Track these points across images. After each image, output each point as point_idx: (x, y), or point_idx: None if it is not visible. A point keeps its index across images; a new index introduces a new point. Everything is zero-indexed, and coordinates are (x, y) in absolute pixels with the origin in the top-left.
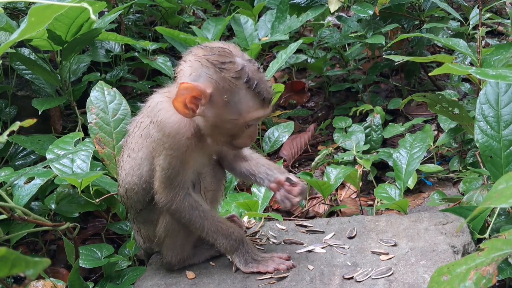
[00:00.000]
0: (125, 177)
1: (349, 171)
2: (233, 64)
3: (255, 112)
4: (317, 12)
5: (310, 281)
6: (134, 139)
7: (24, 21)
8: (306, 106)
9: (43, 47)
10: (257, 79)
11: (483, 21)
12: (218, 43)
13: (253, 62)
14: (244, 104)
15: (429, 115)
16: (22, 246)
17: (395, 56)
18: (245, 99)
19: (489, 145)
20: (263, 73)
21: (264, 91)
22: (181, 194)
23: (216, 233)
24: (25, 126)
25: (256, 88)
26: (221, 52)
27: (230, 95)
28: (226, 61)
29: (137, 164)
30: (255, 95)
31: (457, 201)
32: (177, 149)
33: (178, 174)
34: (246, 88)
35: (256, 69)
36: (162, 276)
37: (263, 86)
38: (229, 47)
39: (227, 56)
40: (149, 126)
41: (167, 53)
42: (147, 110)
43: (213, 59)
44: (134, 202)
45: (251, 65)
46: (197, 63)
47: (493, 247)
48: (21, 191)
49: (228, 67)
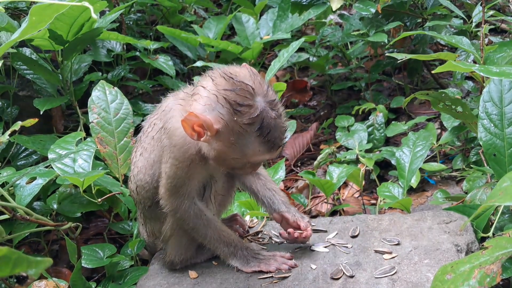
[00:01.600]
0: (137, 174)
1: (351, 170)
2: (249, 108)
3: (261, 156)
4: (319, 10)
5: (313, 280)
6: (148, 139)
7: (25, 21)
8: (308, 105)
9: (44, 47)
10: (271, 127)
11: (486, 18)
12: (243, 73)
13: (275, 104)
14: (250, 149)
15: (432, 114)
16: (25, 246)
17: (398, 54)
18: (253, 145)
19: (493, 143)
20: (280, 119)
21: (275, 139)
22: (186, 203)
23: (218, 241)
24: (26, 125)
25: (267, 137)
26: (242, 90)
27: (238, 138)
28: (244, 103)
29: (149, 164)
30: (264, 142)
31: (460, 199)
32: (183, 161)
33: (184, 184)
34: (256, 135)
35: (274, 116)
36: (164, 276)
37: (276, 135)
38: (254, 82)
39: (247, 97)
40: (161, 131)
41: (169, 52)
42: (160, 112)
43: (231, 98)
44: (144, 199)
45: (269, 111)
46: (213, 96)
47: (497, 245)
48: (23, 191)
49: (243, 111)
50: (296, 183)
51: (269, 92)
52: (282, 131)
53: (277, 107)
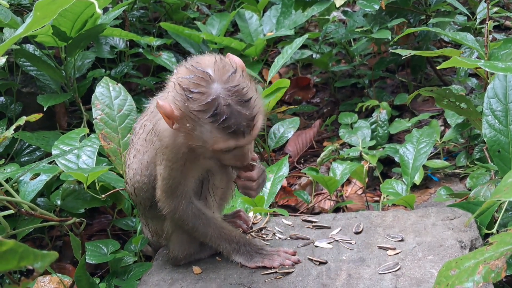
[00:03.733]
0: (133, 177)
1: (355, 167)
2: (201, 95)
3: (223, 143)
4: (323, 7)
5: (316, 276)
6: (140, 141)
7: (30, 16)
8: (311, 102)
9: (47, 43)
10: (226, 114)
11: (490, 15)
12: (208, 61)
13: (236, 91)
14: (208, 137)
15: (436, 111)
16: (28, 242)
17: (402, 50)
18: (209, 133)
19: (497, 139)
20: (242, 105)
21: (234, 125)
22: (184, 203)
23: (219, 239)
24: (31, 120)
25: (223, 123)
26: (198, 77)
27: (193, 125)
28: (196, 90)
29: (144, 166)
30: (220, 129)
31: (464, 196)
32: (176, 161)
33: (180, 184)
34: (209, 122)
35: (231, 101)
36: (168, 271)
37: (234, 121)
38: (214, 70)
39: (202, 84)
40: (151, 133)
41: (172, 49)
42: (149, 114)
43: (185, 85)
44: (143, 200)
45: (226, 97)
46: (172, 84)
47: (502, 241)
48: (27, 187)
49: (195, 98)
50: (299, 180)
51: (232, 79)
52: (243, 117)
53: (239, 93)
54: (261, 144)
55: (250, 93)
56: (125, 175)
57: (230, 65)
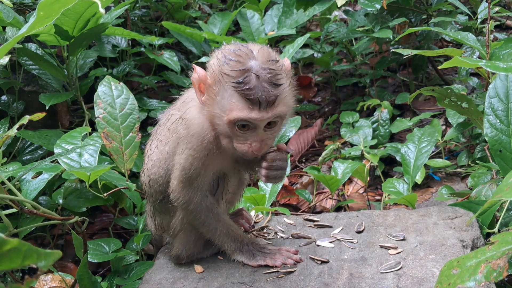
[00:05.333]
0: (151, 168)
1: (356, 166)
2: (237, 63)
3: (238, 112)
4: (324, 6)
5: (318, 275)
6: (163, 131)
7: (33, 15)
8: (313, 101)
9: (50, 42)
10: (251, 85)
11: (492, 15)
12: (256, 46)
13: (269, 71)
14: (227, 102)
15: (437, 110)
16: (30, 240)
17: (403, 50)
18: (230, 97)
19: (499, 139)
20: (268, 83)
21: (255, 96)
22: (199, 195)
23: (226, 236)
24: (34, 119)
25: (246, 92)
26: (242, 51)
27: (219, 88)
28: (234, 59)
29: (164, 158)
30: (241, 96)
31: (465, 195)
32: (200, 150)
33: (199, 175)
34: (233, 87)
35: (261, 76)
36: (170, 270)
37: (255, 91)
38: (258, 51)
39: (242, 56)
40: (178, 121)
41: (174, 48)
42: (180, 103)
43: (227, 53)
44: (156, 192)
45: (259, 71)
46: (216, 53)
47: (504, 240)
48: (29, 186)
49: (231, 63)
50: (300, 179)
51: (271, 64)
52: (265, 92)
53: (271, 74)
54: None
55: (281, 81)
56: (144, 165)
57: (275, 56)
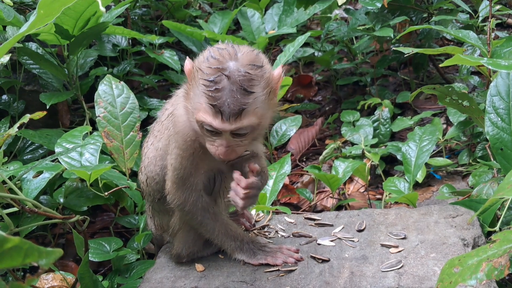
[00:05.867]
0: (148, 165)
1: (357, 165)
2: (216, 61)
3: (204, 115)
4: (325, 5)
5: (319, 273)
6: (158, 127)
7: (33, 14)
8: (313, 100)
9: (50, 41)
10: (221, 87)
11: (493, 13)
12: (246, 48)
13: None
14: (195, 100)
15: (438, 109)
16: (31, 239)
17: (404, 48)
18: (199, 97)
19: (500, 137)
20: (240, 90)
21: (222, 103)
22: (194, 196)
23: (225, 235)
24: (35, 118)
25: (211, 92)
26: (227, 51)
27: (192, 83)
28: (216, 56)
29: (159, 154)
30: (208, 99)
31: (466, 194)
32: (186, 149)
33: (190, 175)
34: (202, 85)
35: (234, 80)
36: (171, 269)
37: (225, 99)
38: (244, 54)
39: (225, 56)
40: (169, 117)
41: (174, 47)
42: (174, 98)
43: (213, 50)
44: (153, 191)
45: (233, 74)
46: (206, 49)
47: (505, 239)
48: (30, 185)
49: (210, 61)
50: (301, 178)
51: (250, 68)
52: (233, 100)
53: (245, 80)
54: (263, 142)
55: (255, 89)
56: (141, 164)
57: (262, 62)
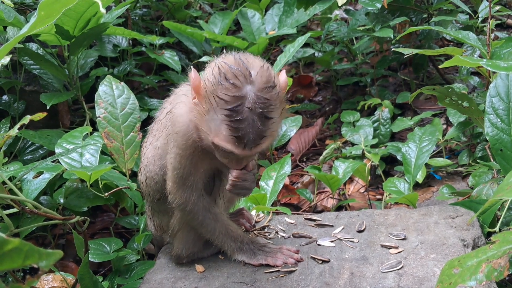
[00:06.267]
0: (147, 165)
1: (357, 165)
2: (233, 87)
3: (224, 143)
4: (325, 5)
5: (319, 274)
6: (157, 126)
7: (34, 15)
8: (313, 100)
9: (51, 42)
10: (243, 117)
11: (493, 13)
12: (257, 63)
13: (263, 102)
14: (214, 126)
15: (438, 109)
16: (31, 240)
17: (404, 49)
18: (219, 125)
19: (499, 138)
20: (261, 118)
21: (244, 132)
22: (195, 195)
23: (226, 236)
24: (35, 119)
25: (235, 124)
26: (239, 71)
27: (209, 109)
28: (231, 80)
29: (157, 154)
30: (230, 129)
31: (466, 195)
32: (185, 149)
33: (190, 174)
34: (223, 114)
35: (254, 108)
36: (171, 270)
37: (246, 128)
38: (256, 73)
39: (239, 77)
40: (167, 116)
41: (174, 47)
42: (173, 97)
43: (224, 71)
44: (153, 191)
45: (253, 101)
46: (214, 63)
47: (505, 240)
48: (30, 186)
49: (226, 86)
50: (301, 178)
51: (268, 91)
52: (255, 130)
53: (265, 107)
54: None
55: (274, 114)
56: (140, 164)
57: (273, 79)
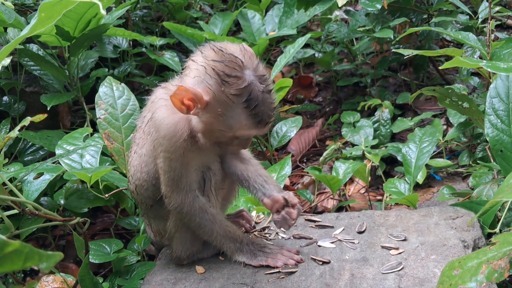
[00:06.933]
0: (134, 174)
1: (357, 166)
2: (237, 80)
3: (247, 131)
4: (325, 6)
5: (319, 275)
6: (139, 135)
7: (34, 17)
8: (314, 101)
9: (51, 43)
10: (258, 100)
11: (493, 14)
12: (234, 47)
13: (264, 79)
14: (237, 122)
15: (438, 110)
16: (32, 241)
17: (404, 50)
18: (239, 117)
19: (500, 139)
20: (269, 94)
21: (262, 113)
22: (190, 197)
23: (224, 237)
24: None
25: (254, 110)
26: (231, 62)
27: (225, 109)
28: (232, 74)
29: (143, 161)
30: (250, 116)
31: (467, 195)
32: (174, 151)
33: (182, 175)
34: (243, 107)
35: (262, 89)
36: (171, 271)
37: (263, 109)
38: (243, 56)
39: (236, 68)
40: (149, 123)
41: (175, 48)
42: (149, 104)
43: (220, 69)
44: (145, 198)
45: (258, 83)
46: (202, 68)
47: (505, 241)
48: (30, 187)
49: (231, 82)
50: (302, 179)
51: (259, 67)
52: (270, 107)
53: (267, 82)
54: (263, 143)
55: (271, 84)
56: (128, 174)
57: (253, 54)
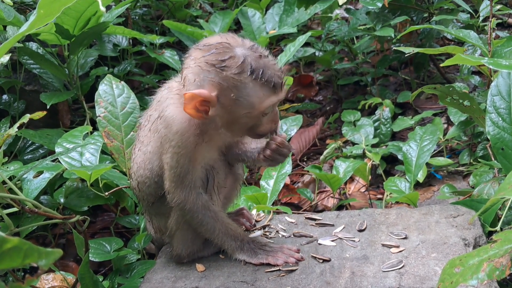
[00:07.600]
0: (137, 171)
1: (358, 164)
2: (233, 59)
3: (268, 100)
4: (325, 4)
5: (320, 274)
6: (144, 133)
7: (33, 14)
8: (314, 99)
9: (51, 41)
10: (261, 67)
11: (494, 12)
12: (215, 38)
13: (255, 48)
14: (254, 96)
15: (439, 108)
16: (32, 239)
17: (405, 48)
18: (254, 91)
19: (501, 137)
20: (267, 58)
21: (272, 76)
22: (194, 193)
23: (225, 235)
24: (35, 118)
25: (263, 77)
26: (219, 48)
27: (237, 91)
28: (225, 57)
29: (147, 158)
30: (263, 84)
31: (467, 194)
32: (185, 146)
33: (188, 172)
34: (252, 80)
35: (259, 56)
36: (171, 269)
37: (270, 72)
38: (227, 39)
39: (226, 51)
40: (157, 121)
41: (174, 47)
42: (155, 104)
43: (212, 60)
44: (146, 195)
45: (252, 53)
46: (197, 68)
47: (506, 239)
48: (30, 185)
49: (228, 64)
50: (302, 178)
51: (245, 41)
52: (275, 68)
53: (260, 49)
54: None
55: (265, 49)
56: (130, 170)
57: (234, 35)
